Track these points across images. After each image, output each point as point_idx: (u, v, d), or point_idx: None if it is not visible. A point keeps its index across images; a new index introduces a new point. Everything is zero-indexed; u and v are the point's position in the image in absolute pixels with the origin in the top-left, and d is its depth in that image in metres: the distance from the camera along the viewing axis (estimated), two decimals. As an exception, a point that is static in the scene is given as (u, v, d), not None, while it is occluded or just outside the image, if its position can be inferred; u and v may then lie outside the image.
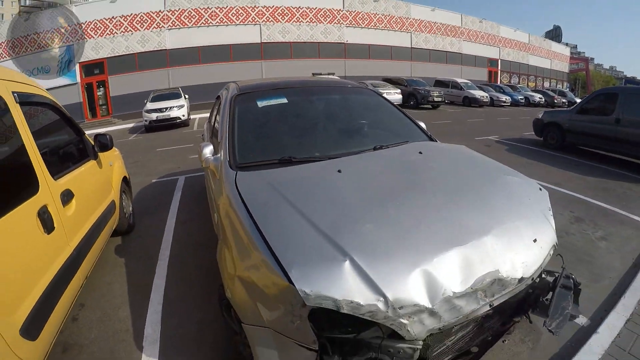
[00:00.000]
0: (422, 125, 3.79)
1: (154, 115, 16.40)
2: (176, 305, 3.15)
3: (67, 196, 2.83)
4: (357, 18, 29.81)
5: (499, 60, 38.97)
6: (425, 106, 21.75)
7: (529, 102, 27.86)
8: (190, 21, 25.56)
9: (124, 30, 24.74)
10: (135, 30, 24.87)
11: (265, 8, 26.95)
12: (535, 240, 2.14)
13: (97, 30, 24.53)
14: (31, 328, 1.99)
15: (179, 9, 25.29)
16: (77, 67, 24.56)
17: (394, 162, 2.83)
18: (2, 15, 64.40)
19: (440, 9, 34.24)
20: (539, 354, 2.58)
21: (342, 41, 29.53)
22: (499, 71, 39.19)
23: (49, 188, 2.59)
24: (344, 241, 1.83)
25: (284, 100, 3.52)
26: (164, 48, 25.33)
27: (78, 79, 24.73)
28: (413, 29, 32.52)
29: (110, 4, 24.95)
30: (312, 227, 1.93)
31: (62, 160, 3.24)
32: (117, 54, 24.81)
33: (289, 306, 1.66)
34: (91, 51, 24.56)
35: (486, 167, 2.92)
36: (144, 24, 24.92)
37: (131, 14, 24.71)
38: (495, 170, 2.84)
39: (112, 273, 3.83)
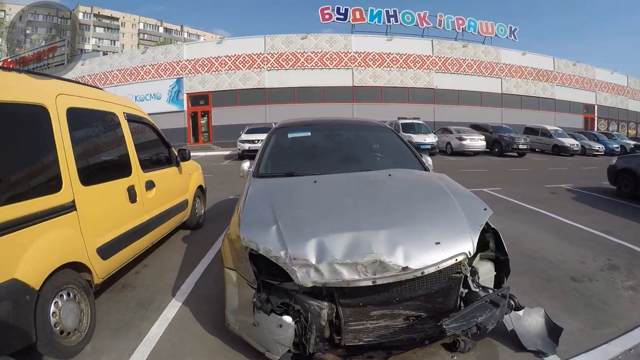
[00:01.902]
0: (425, 158, 4.60)
1: (246, 145, 18.40)
2: (211, 276, 4.19)
3: (149, 184, 4.19)
4: (446, 64, 30.15)
5: (596, 106, 36.40)
6: (510, 154, 21.14)
7: (625, 151, 25.18)
8: (287, 63, 28.15)
9: (227, 69, 28.23)
10: (238, 69, 28.18)
11: (357, 54, 28.63)
12: (438, 243, 2.60)
13: (205, 67, 28.41)
14: (104, 251, 3.24)
15: (278, 52, 28.08)
16: (185, 97, 28.59)
17: (362, 180, 3.69)
18: (123, 45, 75.06)
19: (531, 53, 33.27)
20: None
21: (432, 86, 29.89)
22: (596, 117, 36.60)
23: (138, 176, 3.97)
24: (281, 217, 2.86)
25: (308, 134, 4.78)
26: (262, 87, 28.12)
27: (185, 108, 28.76)
28: (503, 74, 31.68)
29: (217, 45, 29.24)
30: (269, 208, 3.00)
31: (151, 161, 4.61)
32: (220, 89, 28.33)
33: (241, 250, 2.68)
34: (198, 85, 28.47)
35: (438, 189, 3.47)
36: (246, 64, 28.12)
37: (235, 55, 28.17)
38: (444, 192, 3.36)
39: (175, 250, 5.06)
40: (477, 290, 2.76)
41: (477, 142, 20.54)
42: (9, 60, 34.80)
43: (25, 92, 2.70)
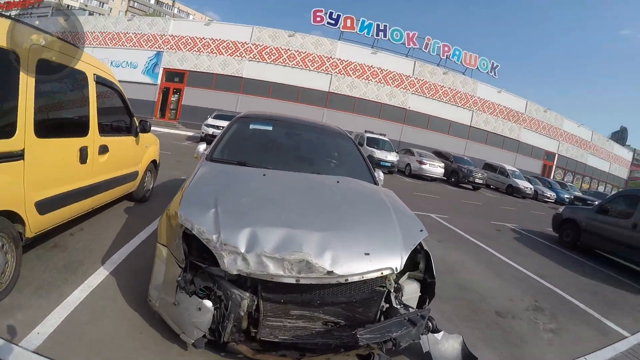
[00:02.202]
0: (377, 172, 4.73)
1: (210, 130, 18.26)
2: (145, 249, 4.16)
3: (103, 149, 4.14)
4: (423, 87, 30.67)
5: (556, 155, 37.61)
6: (465, 185, 21.77)
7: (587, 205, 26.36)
8: (269, 57, 28.05)
9: (209, 52, 27.87)
10: (220, 54, 27.86)
11: (340, 61, 28.87)
12: (367, 254, 2.68)
13: (187, 45, 27.96)
14: (42, 206, 3.17)
15: (262, 44, 27.97)
16: (161, 71, 28.05)
17: (310, 182, 3.81)
18: (111, 9, 72.69)
19: (507, 92, 33.83)
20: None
21: (405, 106, 30.35)
22: (555, 166, 37.78)
23: (93, 138, 3.92)
24: (222, 202, 2.92)
25: (270, 128, 4.85)
26: (240, 75, 27.89)
27: (158, 82, 28.18)
28: (476, 108, 32.36)
29: (204, 26, 28.87)
30: (213, 192, 3.07)
31: (111, 127, 4.55)
32: (198, 70, 27.89)
33: (176, 227, 2.72)
34: (177, 61, 27.97)
35: (381, 203, 3.59)
36: (228, 50, 27.85)
37: (219, 39, 27.87)
38: (386, 206, 3.48)
39: (115, 220, 4.98)
40: (398, 307, 2.82)
41: (436, 168, 20.99)
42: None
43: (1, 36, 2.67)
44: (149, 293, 2.88)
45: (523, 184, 23.73)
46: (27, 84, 2.84)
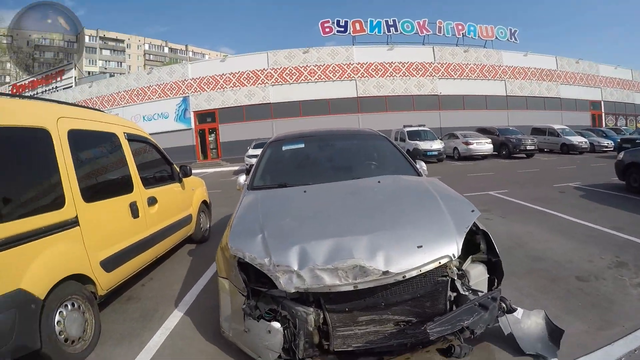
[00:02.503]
0: (419, 164, 4.62)
1: (253, 160, 18.41)
2: (212, 286, 4.25)
3: (151, 200, 4.36)
4: (448, 69, 30.25)
5: (602, 102, 36.09)
6: (518, 155, 20.88)
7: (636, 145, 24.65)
8: (291, 78, 28.53)
9: (232, 85, 28.66)
10: (243, 86, 28.59)
11: (360, 64, 28.91)
12: (420, 247, 2.61)
13: (210, 85, 28.89)
14: (107, 264, 3.40)
15: (281, 67, 28.48)
16: (192, 115, 29.04)
17: (351, 188, 3.78)
18: (130, 66, 76.84)
19: (533, 53, 33.12)
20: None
21: (436, 93, 29.98)
22: (603, 113, 36.29)
23: (140, 192, 4.16)
24: (267, 226, 2.99)
25: (302, 145, 4.91)
26: (268, 102, 28.48)
27: (192, 125, 29.19)
28: (506, 76, 31.69)
29: (221, 63, 29.70)
30: (258, 219, 3.15)
31: (153, 178, 4.80)
32: (226, 106, 28.75)
33: (230, 259, 2.83)
34: (204, 102, 28.96)
35: (426, 193, 3.52)
36: (250, 80, 28.54)
37: (239, 71, 28.61)
38: (432, 195, 3.40)
39: (180, 264, 5.21)
40: (467, 293, 2.72)
41: (483, 145, 20.39)
42: (18, 84, 35.73)
43: (28, 116, 2.93)
44: (221, 325, 2.98)
45: (577, 140, 22.44)
46: (63, 155, 3.09)
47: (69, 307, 2.90)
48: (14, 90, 33.12)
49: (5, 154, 2.65)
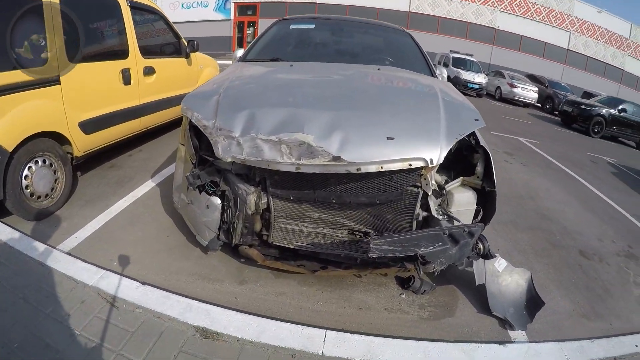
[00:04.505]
0: (440, 70, 4.07)
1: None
2: None
3: (148, 70, 4.14)
4: (512, 4, 27.43)
5: None
6: (561, 113, 19.78)
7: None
8: (342, -21, 26.40)
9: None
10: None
11: (420, -23, 26.48)
12: (390, 139, 2.13)
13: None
14: (86, 126, 3.28)
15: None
16: (233, 6, 27.54)
17: (342, 69, 3.25)
18: None
19: (609, 13, 29.04)
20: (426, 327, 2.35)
21: (493, 26, 27.53)
22: None
23: (135, 60, 3.93)
24: (228, 89, 2.64)
25: (312, 26, 4.37)
26: (313, 1, 26.73)
27: (232, 17, 27.76)
28: (573, 29, 28.51)
29: None
30: (224, 83, 2.76)
31: (155, 49, 4.53)
32: (269, 0, 27.20)
33: (184, 120, 2.59)
34: (242, -6, 27.26)
35: (426, 89, 2.98)
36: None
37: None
38: (432, 93, 2.83)
39: (173, 142, 4.90)
40: (440, 217, 2.28)
41: (529, 92, 19.01)
42: None
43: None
44: (173, 194, 2.85)
45: None
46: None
47: (40, 163, 2.85)
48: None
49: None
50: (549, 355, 2.21)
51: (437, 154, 2.11)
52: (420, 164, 2.10)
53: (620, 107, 13.95)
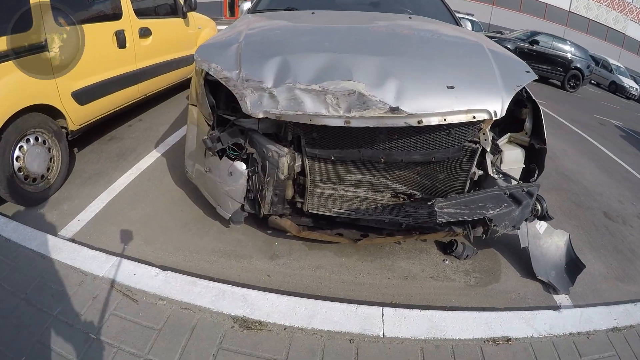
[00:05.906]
0: (465, 23, 3.71)
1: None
2: None
3: (144, 31, 3.76)
4: (514, -37, 26.75)
5: None
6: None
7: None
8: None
9: None
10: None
11: None
12: (451, 87, 1.88)
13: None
14: (81, 96, 2.93)
15: None
16: None
17: (376, 17, 2.98)
18: None
19: None
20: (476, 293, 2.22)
21: (492, -16, 26.65)
22: None
23: (130, 21, 3.55)
24: (247, 37, 2.25)
25: None
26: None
27: None
28: None
29: None
30: (242, 31, 2.38)
31: (150, 9, 4.11)
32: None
33: (197, 76, 2.18)
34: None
35: (470, 39, 2.65)
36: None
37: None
38: (477, 44, 2.50)
39: (175, 107, 4.70)
40: (497, 176, 2.04)
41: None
42: None
43: None
44: (185, 163, 2.49)
45: (628, 83, 20.07)
46: None
47: (32, 141, 2.53)
48: None
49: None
50: (600, 320, 2.12)
51: (499, 106, 1.89)
52: (484, 116, 1.87)
53: (532, 39, 12.68)
